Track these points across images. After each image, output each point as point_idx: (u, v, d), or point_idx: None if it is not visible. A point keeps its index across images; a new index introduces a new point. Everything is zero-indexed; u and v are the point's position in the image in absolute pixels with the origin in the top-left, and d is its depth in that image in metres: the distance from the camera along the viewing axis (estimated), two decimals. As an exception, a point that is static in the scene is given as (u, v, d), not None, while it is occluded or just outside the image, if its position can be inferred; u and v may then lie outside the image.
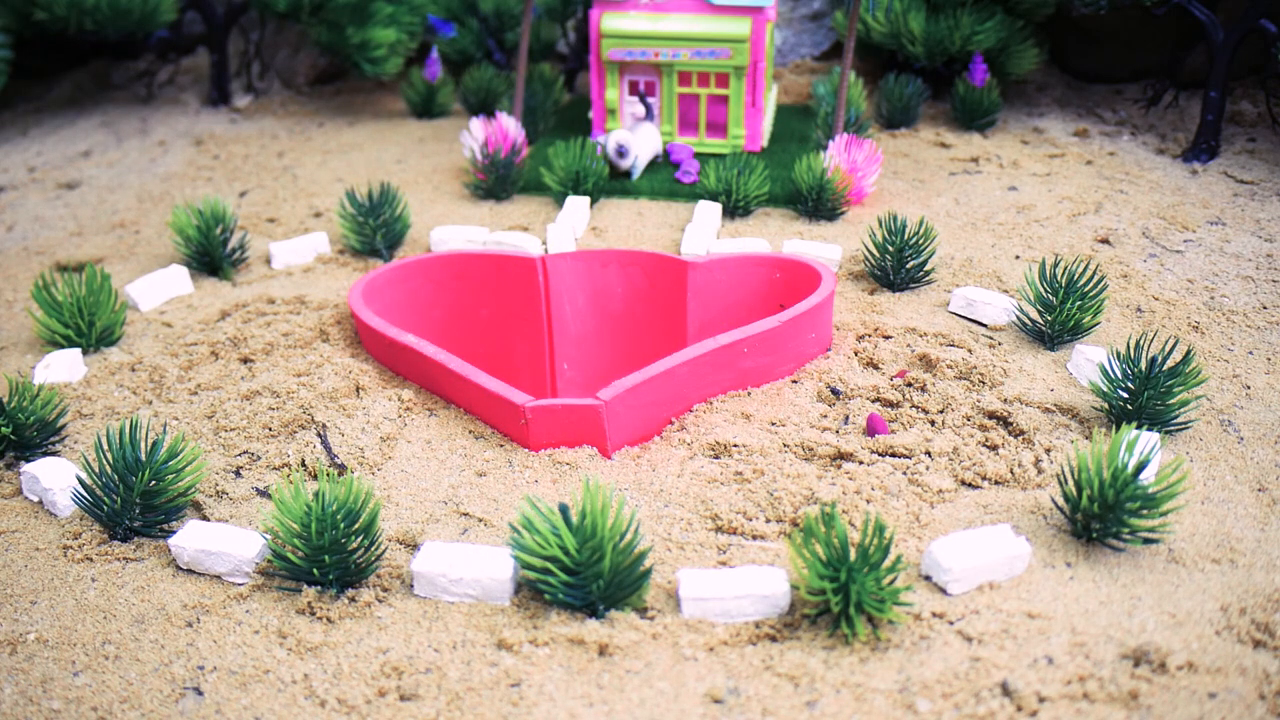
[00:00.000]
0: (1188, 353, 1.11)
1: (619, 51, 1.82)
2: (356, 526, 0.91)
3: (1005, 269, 1.49)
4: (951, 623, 0.87)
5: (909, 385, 1.20)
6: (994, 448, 1.10)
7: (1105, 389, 1.13)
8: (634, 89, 1.88)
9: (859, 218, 1.66)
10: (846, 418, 1.15)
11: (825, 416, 1.16)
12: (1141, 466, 0.92)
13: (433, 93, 2.23)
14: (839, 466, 1.07)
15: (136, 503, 0.98)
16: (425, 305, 1.41)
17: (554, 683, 0.83)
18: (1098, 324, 1.30)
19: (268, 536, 0.94)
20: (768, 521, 1.00)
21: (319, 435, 1.13)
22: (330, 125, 2.24)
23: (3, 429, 1.09)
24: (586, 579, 0.87)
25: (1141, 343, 1.14)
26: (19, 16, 2.07)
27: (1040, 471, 1.06)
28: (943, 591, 0.90)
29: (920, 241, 1.41)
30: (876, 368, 1.25)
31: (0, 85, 2.07)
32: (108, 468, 0.98)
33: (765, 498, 1.02)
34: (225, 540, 0.95)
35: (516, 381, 1.36)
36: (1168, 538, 0.96)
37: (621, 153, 1.76)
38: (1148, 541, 0.93)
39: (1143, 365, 1.10)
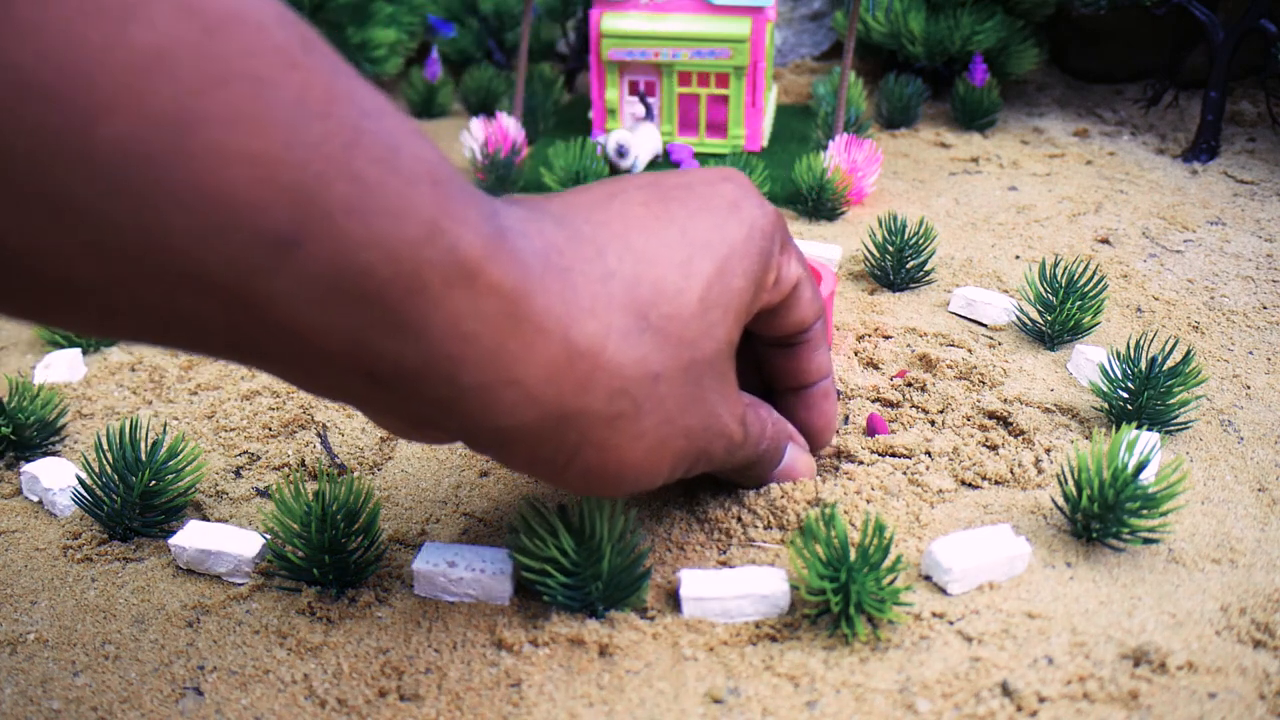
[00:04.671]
0: (1188, 353, 1.11)
1: (619, 51, 1.82)
2: (356, 526, 0.91)
3: (1005, 269, 1.49)
4: (951, 623, 0.87)
5: (909, 385, 1.20)
6: (994, 448, 1.10)
7: (1105, 389, 1.13)
8: (634, 89, 1.88)
9: (859, 218, 1.66)
10: (846, 418, 1.15)
11: (825, 416, 1.16)
12: (1141, 466, 0.92)
13: (433, 93, 2.23)
14: (839, 467, 1.07)
15: (136, 503, 0.98)
16: (425, 305, 1.40)
17: (554, 683, 0.83)
18: (1098, 324, 1.30)
19: (268, 536, 0.94)
20: (768, 528, 1.00)
21: (319, 435, 1.13)
22: (330, 125, 2.24)
23: (3, 429, 1.09)
24: (585, 580, 0.87)
25: (1141, 343, 1.14)
26: (19, 16, 2.07)
27: (1040, 471, 1.06)
28: (943, 591, 0.90)
29: (920, 241, 1.41)
30: (876, 368, 1.25)
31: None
32: (108, 468, 0.98)
33: (765, 498, 1.02)
34: (225, 540, 0.95)
35: (516, 381, 1.36)
36: (1168, 538, 0.96)
37: (621, 153, 1.76)
38: (1148, 541, 0.93)
39: (1143, 365, 1.10)
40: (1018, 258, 1.53)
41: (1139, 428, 1.10)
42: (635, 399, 0.70)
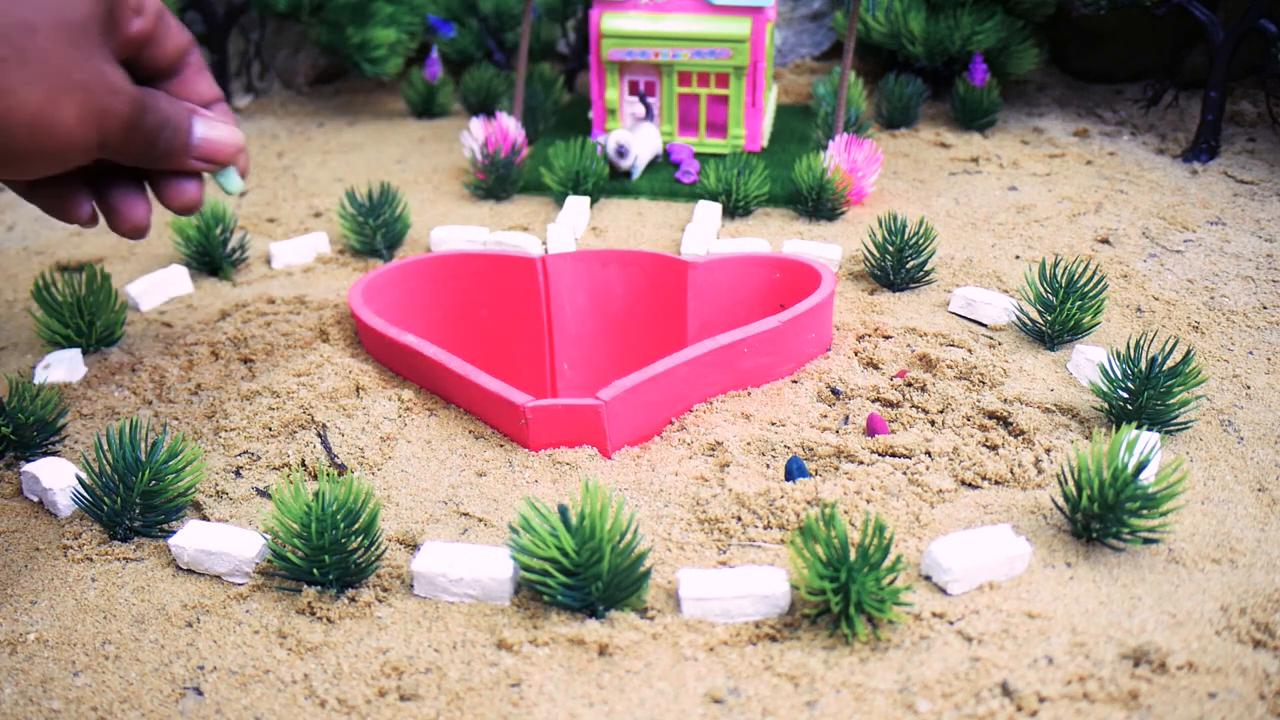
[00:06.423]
0: (1188, 353, 1.11)
1: (619, 51, 1.82)
2: (356, 526, 0.91)
3: (1005, 269, 1.49)
4: (951, 623, 0.87)
5: (909, 385, 1.20)
6: (994, 448, 1.10)
7: (1105, 389, 1.13)
8: (634, 89, 1.88)
9: (859, 218, 1.66)
10: (846, 418, 1.15)
11: (825, 416, 1.16)
12: (1141, 466, 0.92)
13: (433, 93, 2.23)
14: (839, 467, 1.07)
15: (136, 503, 0.98)
16: (425, 305, 1.41)
17: (554, 683, 0.83)
18: (1098, 324, 1.30)
19: (268, 536, 0.94)
20: (768, 528, 1.00)
21: (319, 435, 1.13)
22: (330, 125, 2.24)
23: (3, 429, 1.09)
24: (585, 580, 0.87)
25: (1141, 343, 1.14)
26: (19, 16, 2.06)
27: (1040, 471, 1.06)
28: (943, 591, 0.90)
29: (920, 241, 1.41)
30: (876, 368, 1.25)
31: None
32: (108, 468, 0.98)
33: (765, 498, 1.02)
34: (225, 540, 0.95)
35: (516, 381, 1.36)
36: (1168, 538, 0.96)
37: (621, 153, 1.76)
38: (1148, 541, 0.93)
39: (1143, 365, 1.10)
40: (1018, 258, 1.53)
41: (1139, 428, 1.10)
42: (15, 45, 0.81)
